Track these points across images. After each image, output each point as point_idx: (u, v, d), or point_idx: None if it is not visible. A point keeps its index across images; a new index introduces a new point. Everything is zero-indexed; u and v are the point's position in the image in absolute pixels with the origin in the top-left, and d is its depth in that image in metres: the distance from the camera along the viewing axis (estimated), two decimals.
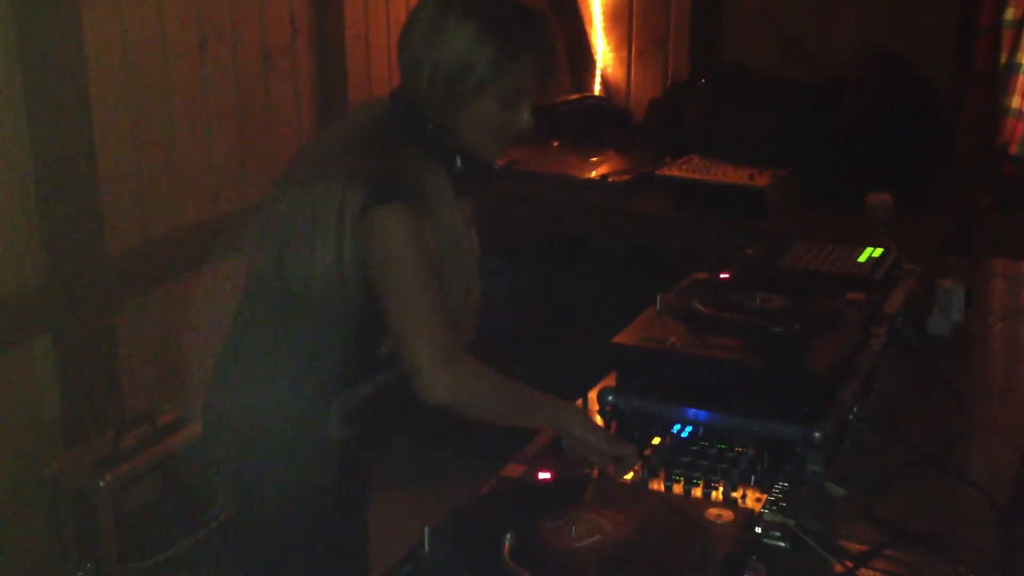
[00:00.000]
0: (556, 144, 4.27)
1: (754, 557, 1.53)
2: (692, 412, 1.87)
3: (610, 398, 1.92)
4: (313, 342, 1.92)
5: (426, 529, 1.47)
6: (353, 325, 1.87)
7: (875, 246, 2.54)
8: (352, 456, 2.05)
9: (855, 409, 1.88)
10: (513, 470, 1.76)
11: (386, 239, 1.78)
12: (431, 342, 1.75)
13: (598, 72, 4.77)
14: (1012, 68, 3.70)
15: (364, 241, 1.78)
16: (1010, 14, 3.70)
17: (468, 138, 1.91)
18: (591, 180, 3.83)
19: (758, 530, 1.59)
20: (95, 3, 2.83)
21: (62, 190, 2.77)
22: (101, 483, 2.66)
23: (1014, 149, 3.72)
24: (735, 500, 1.65)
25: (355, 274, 1.80)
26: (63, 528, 2.73)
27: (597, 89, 4.78)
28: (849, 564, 1.58)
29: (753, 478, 1.71)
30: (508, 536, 1.43)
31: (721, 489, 1.68)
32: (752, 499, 1.66)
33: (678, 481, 1.72)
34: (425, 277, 1.78)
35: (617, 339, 1.96)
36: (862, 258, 2.48)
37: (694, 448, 1.81)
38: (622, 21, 4.69)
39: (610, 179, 3.80)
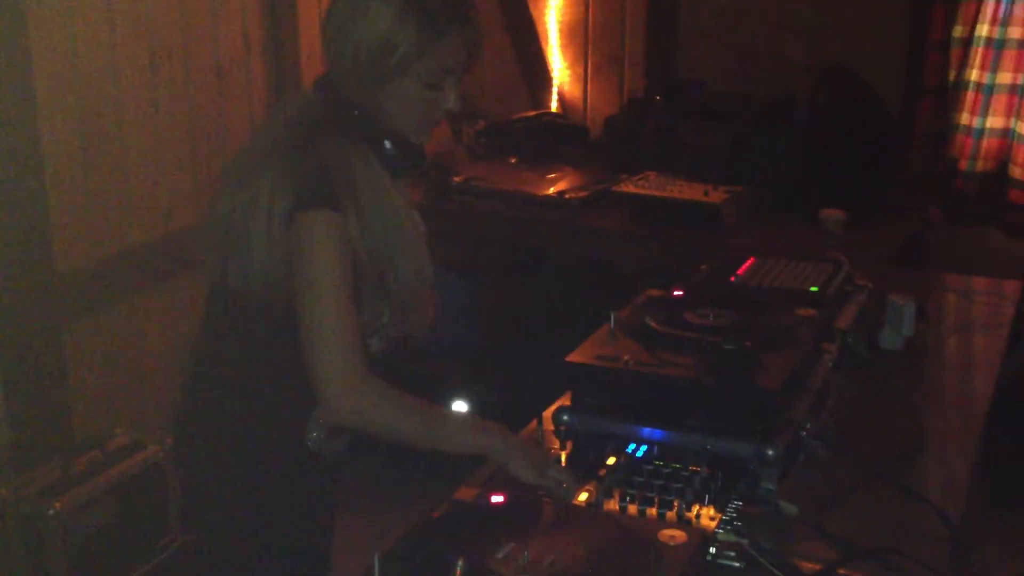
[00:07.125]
0: (513, 161, 4.27)
1: None
2: (647, 431, 1.85)
3: (565, 418, 1.91)
4: (279, 349, 1.86)
5: (376, 556, 1.45)
6: None
7: (827, 260, 2.54)
8: (332, 470, 2.02)
9: (808, 425, 1.88)
10: (465, 493, 1.74)
11: (304, 250, 1.75)
12: (335, 364, 1.73)
13: (554, 89, 4.78)
14: (961, 85, 3.74)
15: (290, 246, 1.76)
16: (959, 31, 3.74)
17: (395, 120, 1.88)
18: (548, 197, 3.84)
19: (712, 550, 1.59)
20: (43, 19, 2.79)
21: (10, 208, 2.73)
22: (51, 510, 2.60)
23: (964, 164, 3.77)
24: (689, 520, 1.65)
25: (288, 277, 1.77)
26: (12, 557, 2.67)
27: (554, 106, 4.79)
28: None
29: (707, 497, 1.71)
30: (460, 562, 1.42)
31: (676, 509, 1.68)
32: (706, 518, 1.66)
33: (633, 501, 1.71)
34: (337, 294, 1.75)
35: (570, 357, 1.95)
36: None
37: (649, 467, 1.80)
38: (578, 38, 4.70)
39: (567, 195, 3.80)
